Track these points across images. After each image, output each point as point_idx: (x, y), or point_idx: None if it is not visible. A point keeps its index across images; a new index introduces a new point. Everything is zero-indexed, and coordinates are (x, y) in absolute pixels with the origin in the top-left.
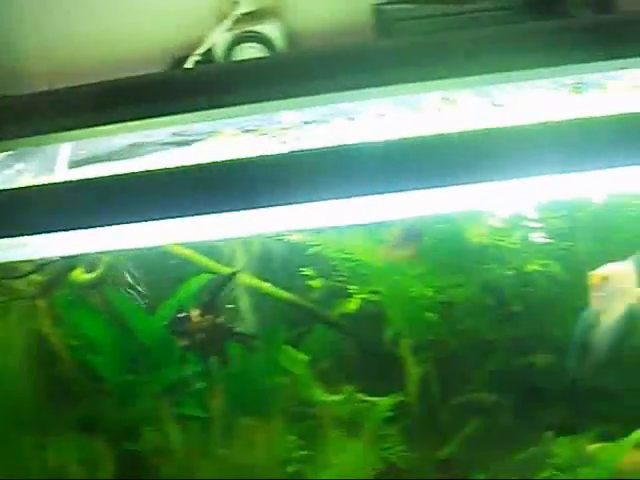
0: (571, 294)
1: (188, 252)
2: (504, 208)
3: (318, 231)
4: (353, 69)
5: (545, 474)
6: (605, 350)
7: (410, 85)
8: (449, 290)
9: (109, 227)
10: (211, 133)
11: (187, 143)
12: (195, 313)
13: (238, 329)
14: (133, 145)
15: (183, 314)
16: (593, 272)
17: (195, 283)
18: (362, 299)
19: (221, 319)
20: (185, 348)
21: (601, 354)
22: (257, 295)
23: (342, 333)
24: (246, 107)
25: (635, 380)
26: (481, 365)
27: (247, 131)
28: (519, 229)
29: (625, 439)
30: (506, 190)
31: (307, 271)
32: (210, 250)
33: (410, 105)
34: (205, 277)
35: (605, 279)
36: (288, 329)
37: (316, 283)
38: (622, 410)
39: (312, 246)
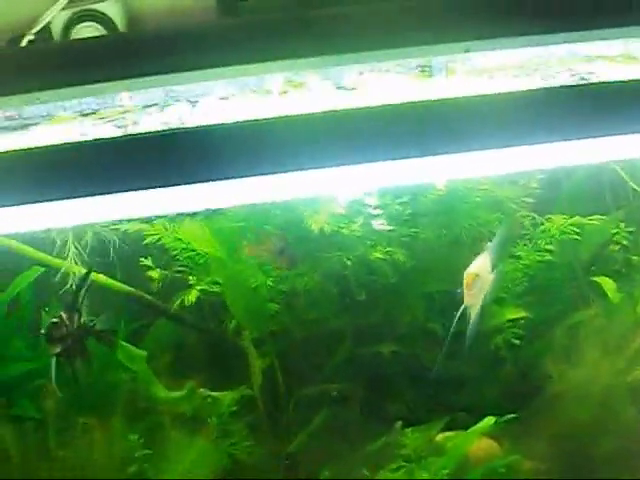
0: (416, 281)
1: (14, 243)
2: (345, 194)
3: (150, 219)
4: (194, 49)
5: (394, 465)
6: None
7: (253, 65)
8: (291, 279)
9: None
10: (47, 117)
11: (22, 127)
12: (65, 316)
13: (97, 326)
14: None
15: (56, 319)
16: (466, 271)
17: (27, 277)
18: (201, 290)
19: (83, 318)
20: (58, 355)
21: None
22: (93, 288)
23: (183, 326)
24: (83, 88)
25: (481, 368)
26: (327, 356)
27: (84, 115)
28: (361, 216)
29: (473, 427)
30: (347, 175)
31: (146, 261)
32: (39, 241)
33: (255, 88)
34: (37, 270)
35: (477, 276)
36: (127, 323)
37: (155, 274)
38: (469, 399)
39: (149, 235)
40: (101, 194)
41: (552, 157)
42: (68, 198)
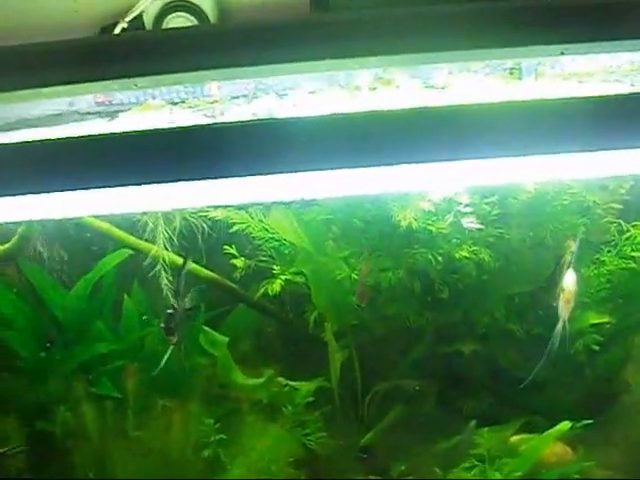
0: (499, 282)
1: (105, 225)
2: (435, 191)
3: (241, 208)
4: (285, 42)
5: (467, 464)
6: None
7: (343, 61)
8: (375, 274)
9: (24, 196)
10: (137, 104)
11: (112, 113)
12: (175, 304)
13: (187, 306)
14: (56, 113)
15: (170, 310)
16: (566, 288)
17: (114, 258)
18: (286, 280)
19: (186, 302)
20: (176, 344)
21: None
22: (179, 272)
23: (264, 315)
24: (172, 76)
25: (559, 372)
26: (405, 351)
27: (173, 103)
28: (450, 214)
29: (548, 431)
30: (438, 173)
31: (230, 249)
32: (129, 224)
33: (343, 84)
34: (124, 252)
35: (576, 293)
36: (208, 308)
37: (239, 262)
38: (546, 402)
39: (236, 224)
40: (189, 180)
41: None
42: (157, 182)
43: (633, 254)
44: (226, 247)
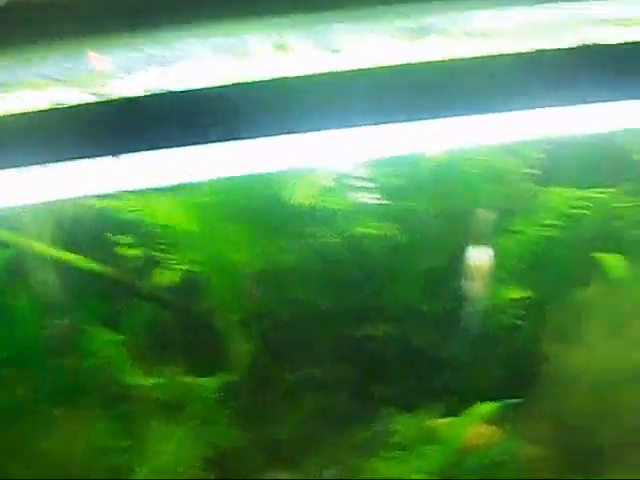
0: (408, 258)
1: None
2: (331, 165)
3: (123, 195)
4: (170, 7)
5: (387, 454)
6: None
7: (234, 24)
8: (275, 257)
9: None
10: (16, 83)
11: None
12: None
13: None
14: None
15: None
16: (482, 265)
17: None
18: (181, 269)
19: None
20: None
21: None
22: (65, 269)
23: (160, 307)
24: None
25: (478, 349)
26: (315, 338)
27: (55, 80)
28: (349, 189)
29: (467, 413)
30: (333, 144)
31: (121, 239)
32: (7, 221)
33: (234, 51)
34: (5, 253)
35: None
36: (100, 305)
37: (131, 252)
38: (464, 382)
39: (124, 212)
40: (66, 161)
41: (555, 125)
42: (29, 165)
43: (551, 221)
44: (115, 237)
